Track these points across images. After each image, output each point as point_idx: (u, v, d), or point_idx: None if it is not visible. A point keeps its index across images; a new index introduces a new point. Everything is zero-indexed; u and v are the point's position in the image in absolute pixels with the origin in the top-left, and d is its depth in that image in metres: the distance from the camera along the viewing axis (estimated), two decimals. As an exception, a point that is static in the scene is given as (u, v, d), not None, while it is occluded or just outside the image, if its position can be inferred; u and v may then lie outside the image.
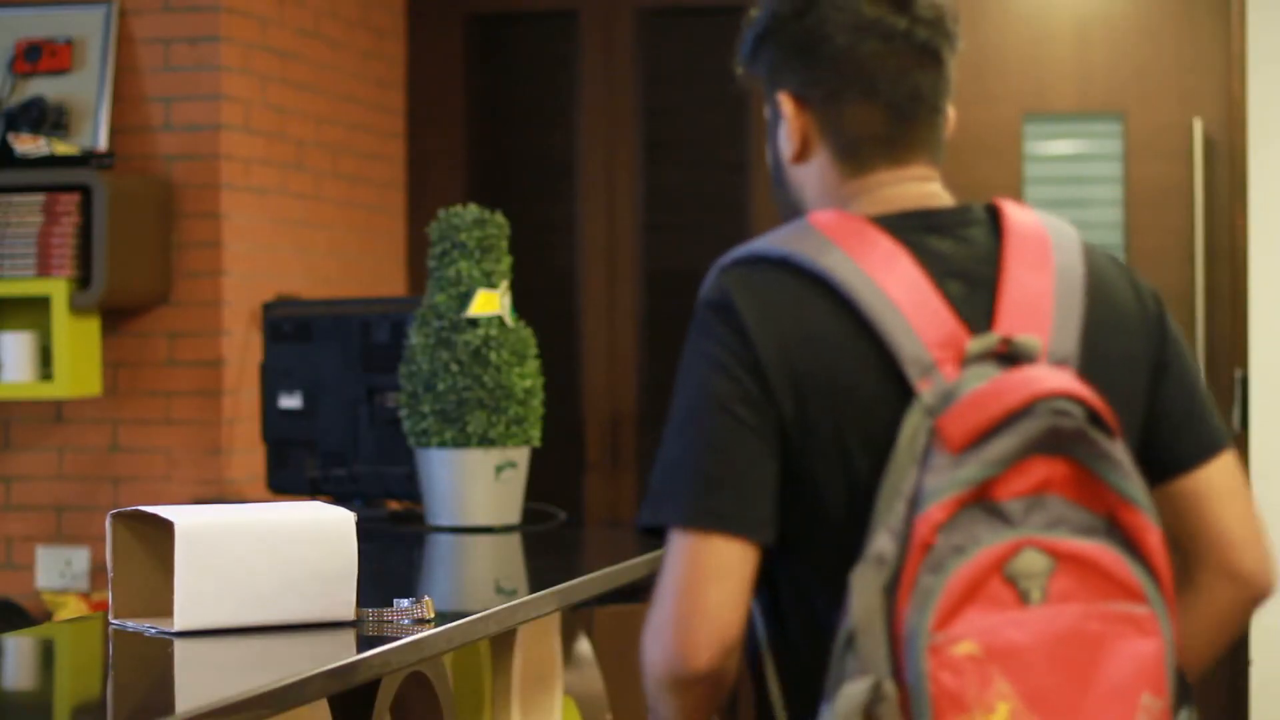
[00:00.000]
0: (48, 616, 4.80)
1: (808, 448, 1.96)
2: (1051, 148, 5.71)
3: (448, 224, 4.03)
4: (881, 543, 1.87)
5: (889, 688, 1.85)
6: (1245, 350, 5.37)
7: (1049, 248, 2.04)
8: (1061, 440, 1.88)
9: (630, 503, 5.85)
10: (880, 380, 1.95)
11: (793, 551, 2.00)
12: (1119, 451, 1.90)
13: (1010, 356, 1.94)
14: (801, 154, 2.11)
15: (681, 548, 1.96)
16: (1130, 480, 1.90)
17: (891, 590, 1.86)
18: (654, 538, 2.03)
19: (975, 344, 1.94)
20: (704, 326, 2.02)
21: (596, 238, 5.87)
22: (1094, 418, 1.90)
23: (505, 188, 5.88)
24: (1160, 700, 1.88)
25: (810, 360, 1.97)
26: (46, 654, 2.81)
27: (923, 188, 2.10)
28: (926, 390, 1.92)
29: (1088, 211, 5.66)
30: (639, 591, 4.03)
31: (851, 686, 1.85)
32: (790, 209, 2.15)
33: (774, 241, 2.04)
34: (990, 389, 1.88)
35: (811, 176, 2.12)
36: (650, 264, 5.84)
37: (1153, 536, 1.90)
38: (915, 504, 1.86)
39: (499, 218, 4.07)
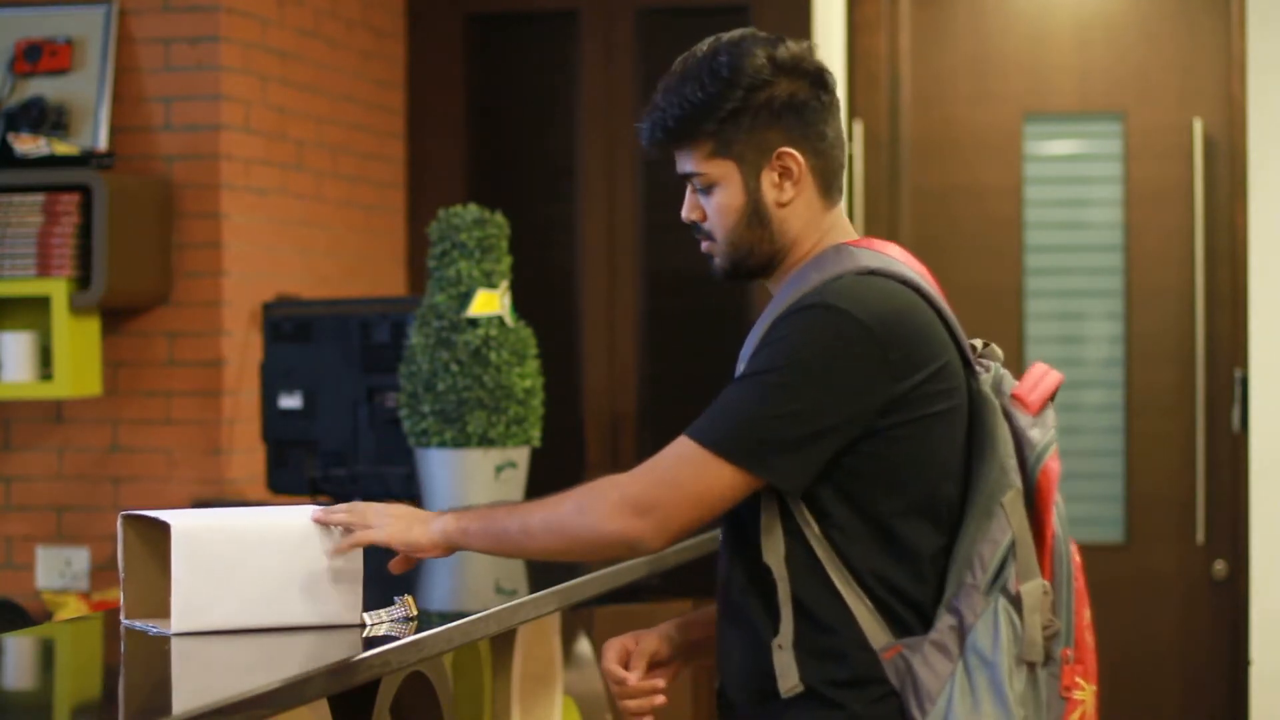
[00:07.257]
0: (48, 616, 4.80)
1: (931, 413, 2.39)
2: (1051, 148, 5.70)
3: (448, 224, 4.03)
4: (1015, 477, 2.39)
5: (1048, 585, 2.38)
6: (1245, 350, 5.37)
7: None
8: None
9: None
10: (957, 359, 2.44)
11: (914, 488, 2.39)
12: None
13: (982, 358, 2.50)
14: (795, 197, 2.49)
15: (720, 469, 2.36)
16: None
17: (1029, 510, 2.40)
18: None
19: (977, 345, 2.51)
20: (824, 318, 2.37)
21: (596, 238, 5.86)
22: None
23: (505, 188, 5.88)
24: None
25: (925, 345, 2.40)
26: (47, 654, 2.81)
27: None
28: (979, 369, 2.47)
29: (1088, 211, 5.66)
30: (639, 591, 4.03)
31: (1032, 583, 2.36)
32: (760, 246, 2.50)
33: (860, 262, 2.42)
34: (1040, 371, 2.47)
35: (796, 215, 2.49)
36: (650, 264, 5.83)
37: None
38: (1020, 447, 2.41)
39: (499, 218, 4.07)
